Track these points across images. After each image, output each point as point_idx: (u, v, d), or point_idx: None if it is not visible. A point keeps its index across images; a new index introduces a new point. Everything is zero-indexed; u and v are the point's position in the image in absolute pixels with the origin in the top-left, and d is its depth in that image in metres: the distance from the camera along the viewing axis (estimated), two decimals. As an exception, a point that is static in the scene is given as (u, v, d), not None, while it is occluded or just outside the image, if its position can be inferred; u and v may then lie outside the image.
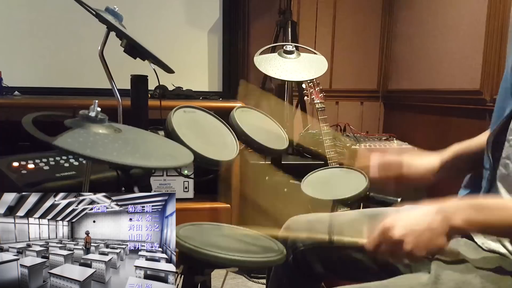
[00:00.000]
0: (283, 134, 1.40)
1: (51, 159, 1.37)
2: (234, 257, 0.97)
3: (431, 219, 0.78)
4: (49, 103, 2.29)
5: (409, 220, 0.79)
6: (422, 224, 0.77)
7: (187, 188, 2.32)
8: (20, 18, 2.66)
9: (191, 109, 1.26)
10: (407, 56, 2.91)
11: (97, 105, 0.94)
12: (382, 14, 3.11)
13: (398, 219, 0.80)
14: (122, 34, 1.29)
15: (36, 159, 1.35)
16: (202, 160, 1.08)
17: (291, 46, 1.55)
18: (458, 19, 2.32)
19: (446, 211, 0.78)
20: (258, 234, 1.17)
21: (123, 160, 0.85)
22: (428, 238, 0.77)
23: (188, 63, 2.81)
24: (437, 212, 0.78)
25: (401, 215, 0.81)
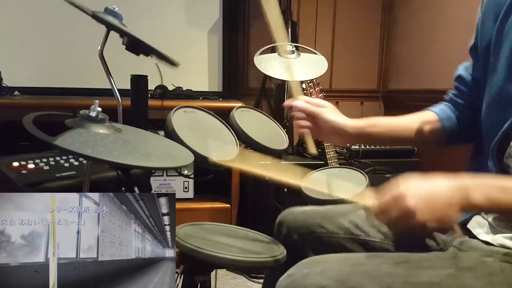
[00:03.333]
0: (283, 134, 1.40)
1: (51, 159, 1.37)
2: (234, 257, 0.97)
3: (451, 195, 0.75)
4: (49, 103, 2.29)
5: (427, 191, 0.76)
6: (442, 199, 0.75)
7: (187, 188, 2.32)
8: (20, 18, 2.66)
9: (191, 109, 1.26)
10: (407, 56, 2.91)
11: (98, 105, 0.94)
12: (382, 14, 3.11)
13: (413, 188, 0.76)
14: (122, 32, 1.29)
15: (36, 159, 1.35)
16: (202, 160, 1.08)
17: (291, 46, 1.55)
18: (458, 19, 2.32)
19: (468, 187, 0.75)
20: (258, 234, 1.17)
21: (123, 160, 0.85)
22: (445, 213, 0.75)
23: (188, 63, 2.80)
24: (459, 189, 0.75)
25: (416, 184, 0.77)
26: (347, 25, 3.08)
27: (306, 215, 1.11)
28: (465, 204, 0.75)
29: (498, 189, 0.75)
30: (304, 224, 1.09)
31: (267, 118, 1.43)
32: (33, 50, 2.70)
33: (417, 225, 0.75)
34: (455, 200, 0.75)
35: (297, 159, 2.41)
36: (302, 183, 1.02)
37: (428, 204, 0.74)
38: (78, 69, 2.67)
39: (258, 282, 2.12)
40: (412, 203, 0.74)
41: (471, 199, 0.75)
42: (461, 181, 0.77)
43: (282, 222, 1.13)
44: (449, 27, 2.41)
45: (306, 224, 1.08)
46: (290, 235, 1.10)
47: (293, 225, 1.10)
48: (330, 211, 1.10)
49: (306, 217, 1.10)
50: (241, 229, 1.21)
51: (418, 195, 0.75)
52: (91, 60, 1.58)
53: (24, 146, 1.42)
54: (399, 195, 0.76)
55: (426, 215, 0.74)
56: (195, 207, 2.29)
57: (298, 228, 1.09)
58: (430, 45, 2.59)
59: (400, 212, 0.75)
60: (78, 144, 0.83)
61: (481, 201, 0.75)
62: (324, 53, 1.71)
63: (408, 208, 0.74)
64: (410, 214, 0.74)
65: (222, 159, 1.08)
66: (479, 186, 0.76)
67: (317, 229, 1.07)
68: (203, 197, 2.36)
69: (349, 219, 1.06)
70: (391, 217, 0.77)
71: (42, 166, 1.34)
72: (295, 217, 1.12)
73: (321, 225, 1.07)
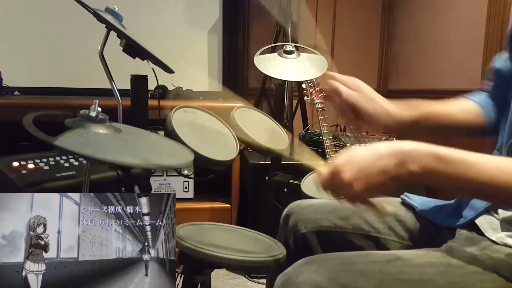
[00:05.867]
0: (283, 134, 1.40)
1: (51, 159, 1.37)
2: (234, 257, 0.97)
3: (385, 162, 0.74)
4: (49, 103, 2.29)
5: (361, 163, 0.75)
6: (375, 167, 0.74)
7: (187, 188, 2.32)
8: (20, 18, 2.66)
9: (191, 109, 1.26)
10: (407, 56, 2.91)
11: (98, 105, 0.94)
12: (382, 14, 3.11)
13: (348, 161, 0.76)
14: (121, 34, 1.29)
15: (36, 159, 1.35)
16: (202, 160, 1.08)
17: (291, 46, 1.55)
18: (458, 19, 2.32)
19: (403, 154, 0.74)
20: (258, 234, 1.17)
21: (123, 160, 0.85)
22: (380, 181, 0.74)
23: (188, 63, 2.81)
24: (393, 155, 0.74)
25: (352, 157, 0.77)
26: (347, 25, 3.08)
27: (314, 209, 1.09)
28: (402, 172, 0.73)
29: (437, 159, 0.73)
30: (312, 217, 1.07)
31: (267, 118, 1.43)
32: (33, 50, 2.70)
33: (358, 197, 0.76)
34: (389, 167, 0.73)
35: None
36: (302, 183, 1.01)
37: (362, 175, 0.74)
38: (78, 69, 2.67)
39: (258, 282, 2.12)
40: (346, 176, 0.74)
41: (406, 167, 0.73)
42: (397, 148, 0.75)
43: (289, 214, 1.11)
44: (449, 27, 2.41)
45: (314, 218, 1.06)
46: (297, 227, 1.08)
47: (301, 217, 1.08)
48: (339, 205, 1.08)
49: (315, 211, 1.08)
50: (241, 229, 1.21)
51: (354, 168, 0.75)
52: (91, 60, 1.58)
53: (24, 146, 1.42)
54: (336, 169, 0.76)
55: (362, 185, 0.74)
56: (195, 207, 2.29)
57: (305, 221, 1.07)
58: (430, 45, 2.59)
59: (338, 185, 0.76)
60: (78, 144, 0.83)
61: (418, 170, 0.73)
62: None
63: (343, 181, 0.75)
64: (346, 187, 0.75)
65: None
66: (416, 155, 0.74)
67: (325, 223, 1.05)
68: (203, 197, 2.36)
69: (359, 214, 1.04)
70: (331, 189, 0.78)
71: (42, 166, 1.34)
72: (303, 209, 1.10)
73: (330, 219, 1.05)
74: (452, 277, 0.78)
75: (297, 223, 1.08)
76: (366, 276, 0.77)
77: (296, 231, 1.08)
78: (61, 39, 2.69)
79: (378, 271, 0.79)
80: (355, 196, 0.77)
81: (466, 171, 0.73)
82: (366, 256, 0.85)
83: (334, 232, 1.04)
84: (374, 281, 0.77)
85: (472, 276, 0.79)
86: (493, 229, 0.88)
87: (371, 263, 0.82)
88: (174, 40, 2.79)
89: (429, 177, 0.75)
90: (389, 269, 0.80)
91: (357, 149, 0.77)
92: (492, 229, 0.88)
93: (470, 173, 0.72)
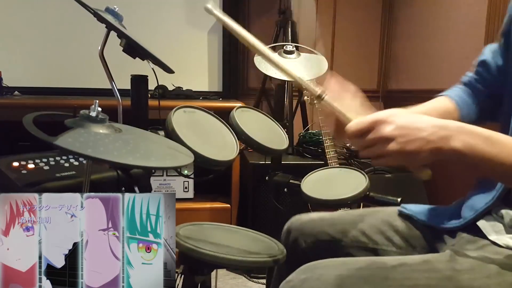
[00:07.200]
0: (283, 134, 1.40)
1: (51, 159, 1.37)
2: (234, 257, 0.97)
3: (431, 132, 0.72)
4: (49, 103, 2.30)
5: (408, 122, 0.73)
6: (420, 133, 0.72)
7: (187, 188, 2.32)
8: (20, 18, 2.66)
9: (191, 109, 1.26)
10: (407, 56, 2.91)
11: (98, 105, 0.94)
12: (382, 13, 3.11)
13: (396, 116, 0.74)
14: (121, 34, 1.29)
15: (36, 159, 1.35)
16: (202, 160, 1.08)
17: (291, 46, 1.55)
18: (458, 19, 2.32)
19: (451, 129, 0.73)
20: (258, 234, 1.17)
21: (123, 160, 0.85)
22: (418, 149, 0.72)
23: (188, 63, 2.81)
24: (442, 128, 0.73)
25: (401, 114, 0.75)
26: (347, 25, 3.08)
27: (313, 223, 1.10)
28: (443, 146, 0.72)
29: (483, 139, 0.73)
30: (311, 232, 1.08)
31: (267, 118, 1.43)
32: (33, 50, 2.70)
33: (387, 154, 0.73)
34: (434, 137, 0.72)
35: (297, 159, 2.42)
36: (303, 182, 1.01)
37: (405, 135, 0.72)
38: (78, 69, 2.67)
39: (258, 282, 2.12)
40: (389, 129, 0.73)
41: (450, 142, 0.72)
42: (446, 122, 0.74)
43: (290, 230, 1.13)
44: (449, 27, 2.41)
45: (313, 232, 1.08)
46: (298, 242, 1.10)
47: (300, 232, 1.10)
48: (337, 218, 1.09)
49: (314, 225, 1.10)
50: (241, 229, 1.21)
51: (398, 125, 0.73)
52: (91, 60, 1.58)
53: (24, 146, 1.42)
54: (380, 119, 0.74)
55: (400, 145, 0.72)
56: (195, 207, 2.29)
57: (305, 236, 1.09)
58: (430, 45, 2.59)
59: (376, 136, 0.73)
60: (78, 144, 0.83)
61: (461, 147, 0.72)
62: (324, 53, 1.71)
63: (384, 134, 0.73)
64: (384, 140, 0.73)
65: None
66: (463, 132, 0.73)
67: (324, 237, 1.06)
68: (203, 197, 2.36)
69: (356, 227, 1.05)
70: (365, 139, 0.75)
71: (42, 166, 1.34)
72: (302, 224, 1.12)
73: (328, 233, 1.06)
74: (459, 282, 0.78)
75: (297, 238, 1.10)
76: (372, 283, 0.77)
77: (296, 246, 1.10)
78: (61, 39, 2.69)
79: (383, 277, 0.78)
80: (385, 153, 0.73)
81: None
82: (371, 262, 0.85)
83: (334, 246, 1.05)
84: (379, 287, 0.76)
85: (479, 280, 0.78)
86: (496, 231, 0.87)
87: (376, 269, 0.81)
88: (174, 40, 2.79)
89: (470, 157, 0.73)
90: (394, 274, 0.79)
91: (405, 111, 0.75)
92: (495, 232, 0.88)
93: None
